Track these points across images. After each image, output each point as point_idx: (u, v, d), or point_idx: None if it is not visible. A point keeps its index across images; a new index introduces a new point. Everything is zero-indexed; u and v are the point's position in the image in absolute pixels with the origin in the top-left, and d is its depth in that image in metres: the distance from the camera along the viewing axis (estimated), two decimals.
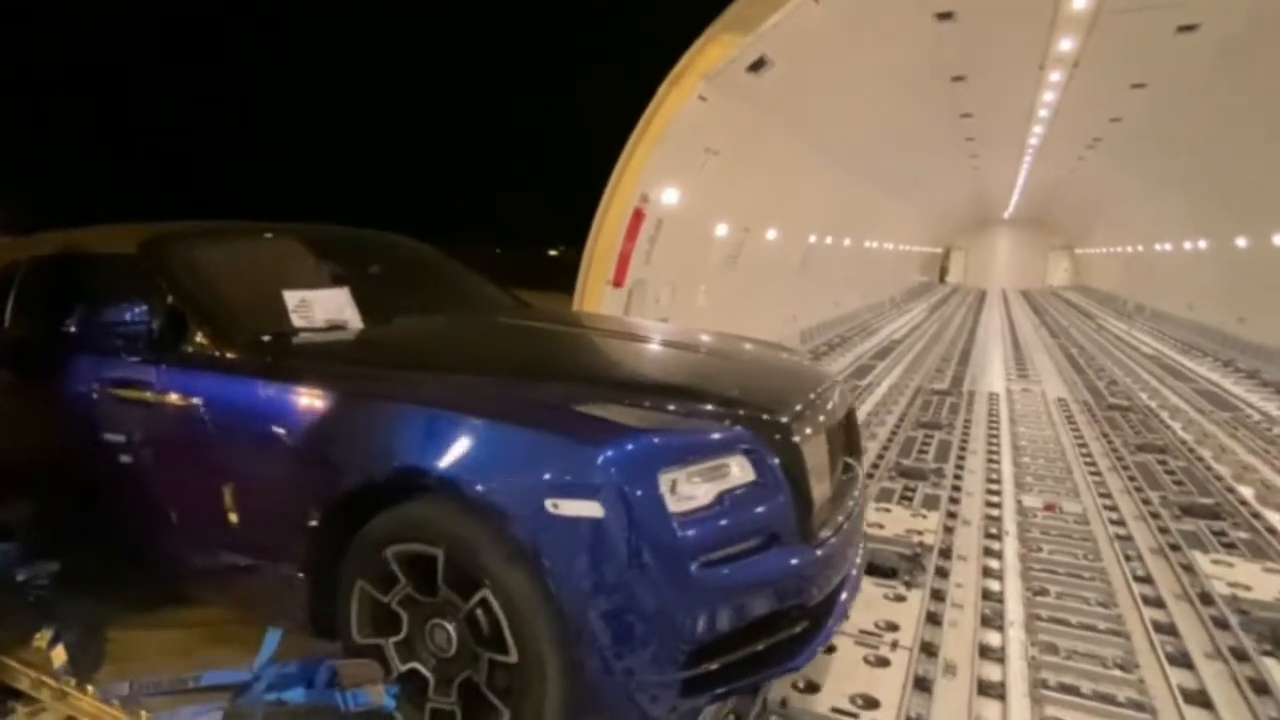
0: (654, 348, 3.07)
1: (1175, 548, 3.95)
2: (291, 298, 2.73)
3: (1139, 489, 4.97)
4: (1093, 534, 4.21)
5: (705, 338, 3.21)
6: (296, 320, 2.69)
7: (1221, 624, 3.14)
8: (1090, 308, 22.27)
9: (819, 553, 2.16)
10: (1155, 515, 4.45)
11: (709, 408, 2.22)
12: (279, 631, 2.37)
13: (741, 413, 2.18)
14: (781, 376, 2.87)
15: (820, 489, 2.26)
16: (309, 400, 2.32)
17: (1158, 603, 3.40)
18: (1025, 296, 26.98)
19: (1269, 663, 2.84)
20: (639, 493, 1.88)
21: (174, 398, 2.52)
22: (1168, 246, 16.46)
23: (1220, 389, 8.95)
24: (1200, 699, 2.66)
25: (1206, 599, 3.35)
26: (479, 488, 1.98)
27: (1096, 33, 6.93)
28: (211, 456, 2.46)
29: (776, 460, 2.07)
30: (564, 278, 3.84)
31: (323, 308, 2.78)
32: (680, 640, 1.91)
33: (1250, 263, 11.50)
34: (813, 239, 13.52)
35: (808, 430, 2.26)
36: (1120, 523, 4.40)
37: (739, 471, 2.02)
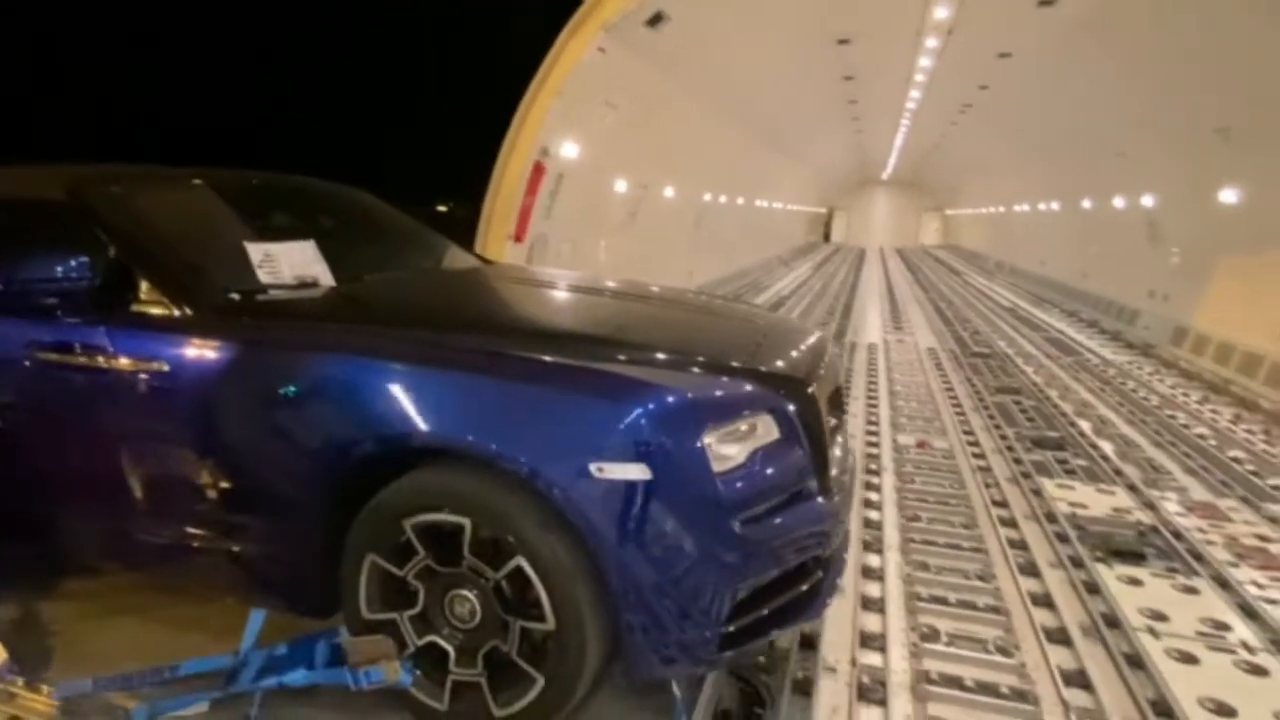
0: (649, 307, 2.98)
1: (1026, 475, 4.46)
2: (255, 251, 2.49)
3: (997, 426, 5.54)
4: (958, 466, 4.68)
5: (690, 296, 3.16)
6: (263, 276, 2.45)
7: (1063, 538, 3.61)
8: (958, 265, 23.94)
9: (834, 505, 2.21)
10: (1010, 448, 4.99)
11: (735, 366, 2.20)
12: (262, 612, 2.24)
13: (765, 371, 2.21)
14: (789, 335, 2.82)
15: (831, 444, 2.31)
16: (307, 365, 2.14)
17: (1011, 523, 3.85)
18: (901, 255, 28.61)
19: (1100, 568, 3.30)
20: (685, 453, 1.88)
21: (131, 363, 2.24)
22: (1025, 208, 17.90)
23: (1066, 337, 9.98)
24: (1045, 601, 3.08)
25: (1051, 518, 3.83)
26: (516, 454, 1.91)
27: (969, 1, 7.38)
28: (183, 428, 2.24)
29: (799, 417, 2.10)
30: (454, 233, 3.75)
31: (289, 262, 2.54)
32: (723, 597, 1.94)
33: (1093, 224, 12.75)
34: (707, 197, 13.79)
35: (822, 387, 2.30)
36: (981, 455, 4.90)
37: (766, 429, 2.04)
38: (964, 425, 5.61)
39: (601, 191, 8.71)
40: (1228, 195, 7.59)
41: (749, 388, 2.12)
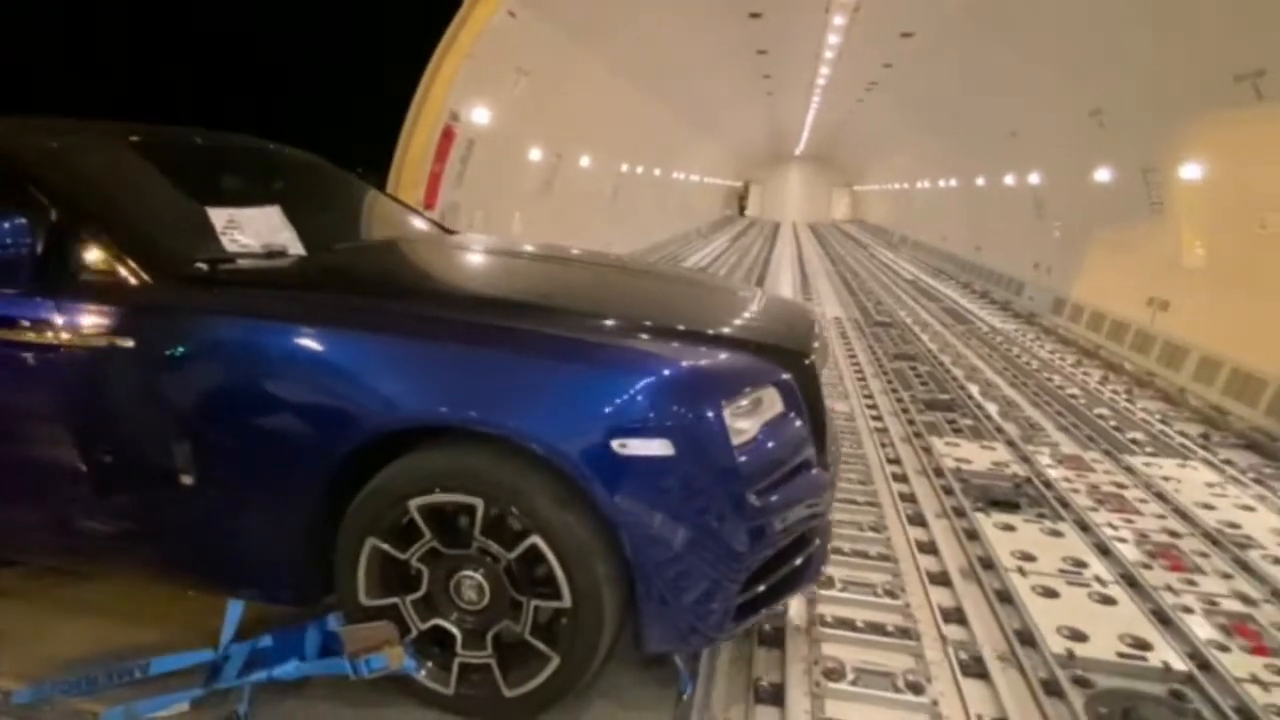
0: (641, 280, 2.92)
1: (919, 435, 4.77)
2: (218, 216, 2.29)
3: (894, 390, 5.87)
4: (857, 428, 4.95)
5: (674, 269, 3.09)
6: (229, 244, 2.27)
7: (948, 491, 3.90)
8: (865, 239, 24.89)
9: (830, 475, 2.25)
10: (905, 410, 5.31)
11: (743, 340, 2.21)
12: (240, 604, 2.13)
13: (769, 344, 2.21)
14: (782, 310, 2.83)
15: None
16: (298, 340, 1.98)
17: (903, 478, 4.12)
18: (812, 229, 29.47)
19: (979, 516, 3.59)
20: (706, 428, 1.88)
21: (87, 339, 2.03)
22: (926, 184, 18.74)
23: (960, 307, 10.60)
24: (930, 548, 3.33)
25: (939, 472, 4.13)
26: (534, 433, 1.86)
27: None
28: (151, 408, 2.06)
29: (801, 390, 2.12)
30: None
31: (254, 229, 2.35)
32: (740, 568, 1.95)
33: (986, 200, 13.50)
34: (624, 168, 13.77)
35: (818, 360, 2.32)
36: (879, 417, 5.20)
37: (771, 402, 2.05)
38: (864, 390, 5.91)
39: (515, 159, 8.57)
40: (1101, 174, 8.20)
41: (757, 361, 2.12)
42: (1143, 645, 2.57)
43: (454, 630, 2.01)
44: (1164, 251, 7.13)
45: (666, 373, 1.93)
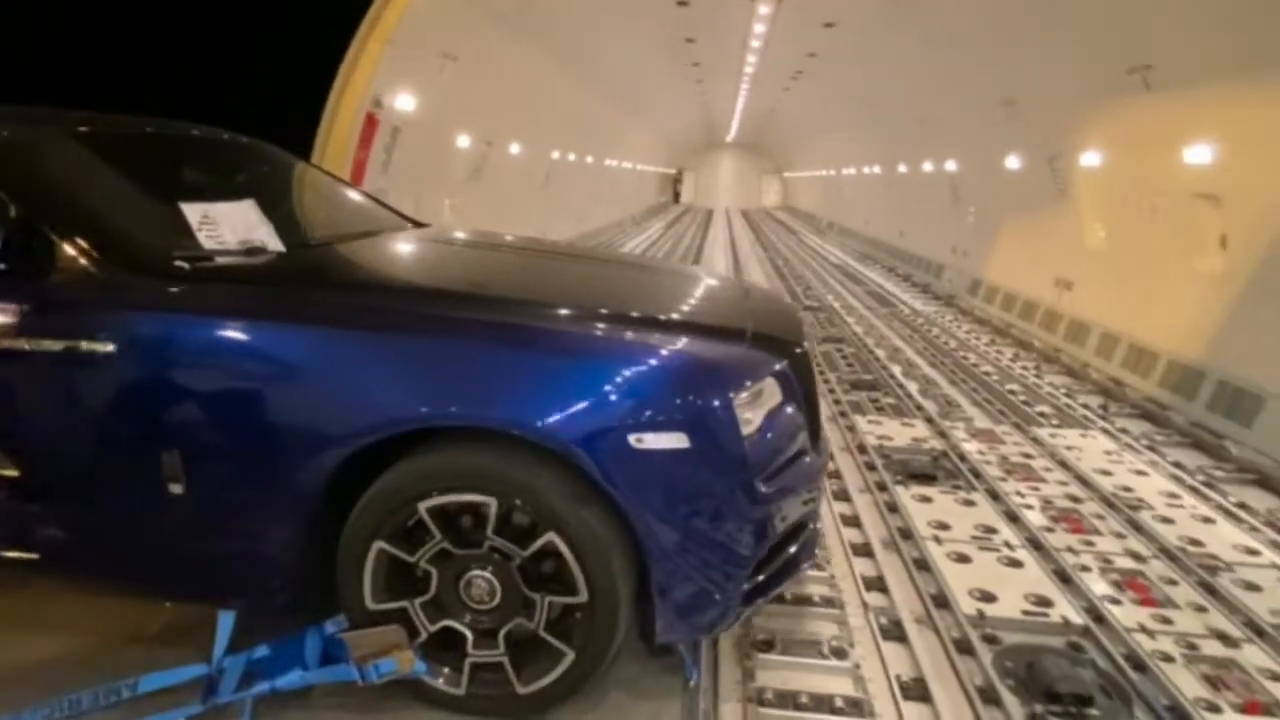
0: (632, 273, 2.88)
1: (844, 414, 4.96)
2: (192, 212, 2.18)
3: (821, 371, 6.07)
4: None
5: (659, 262, 3.08)
6: (205, 240, 2.16)
7: (871, 466, 4.08)
8: (795, 225, 25.42)
9: (823, 460, 2.32)
10: (832, 391, 5.51)
11: (746, 333, 2.23)
12: (231, 614, 2.04)
13: (768, 336, 2.24)
14: (771, 303, 2.87)
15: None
16: (297, 341, 1.91)
17: (829, 456, 4.29)
18: (745, 216, 29.90)
19: (899, 489, 3.78)
20: (719, 420, 1.90)
21: (63, 345, 1.90)
22: (852, 171, 19.25)
23: (884, 290, 10.98)
24: (854, 521, 3.49)
25: (862, 449, 4.31)
26: (552, 431, 1.83)
27: None
28: (136, 416, 1.95)
29: (797, 381, 2.18)
30: None
31: (230, 225, 2.24)
32: (750, 556, 1.99)
33: (907, 186, 13.98)
34: (556, 155, 13.66)
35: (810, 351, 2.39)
36: None
37: (771, 392, 2.09)
38: None
39: (443, 146, 8.41)
40: (1012, 162, 8.61)
41: (758, 352, 2.15)
42: (1045, 603, 2.77)
43: (464, 630, 2.00)
44: (1069, 235, 7.56)
45: (680, 367, 1.96)
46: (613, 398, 1.88)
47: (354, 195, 3.36)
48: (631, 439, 1.83)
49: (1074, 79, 6.75)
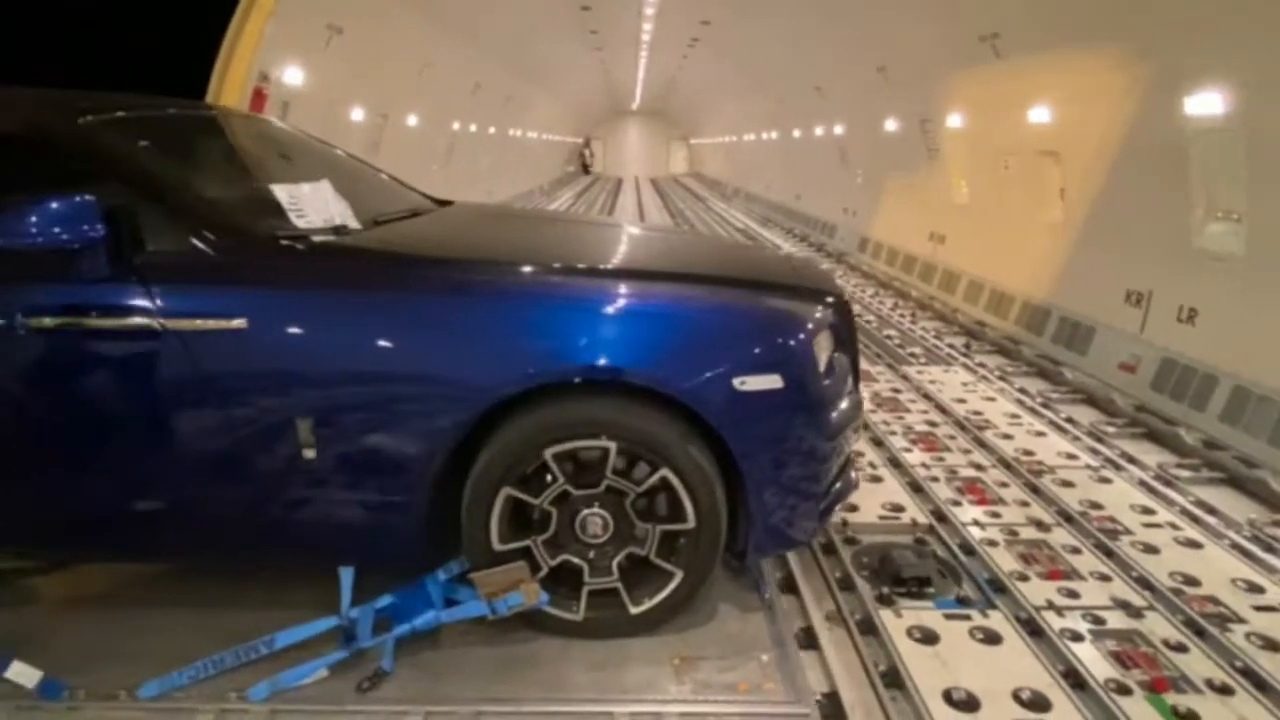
0: (691, 241, 3.12)
1: None
2: (281, 193, 2.24)
3: None
4: None
5: (689, 232, 3.23)
6: (296, 220, 2.22)
7: None
8: (702, 192, 25.88)
9: (861, 398, 2.61)
10: None
11: (808, 288, 2.47)
12: (351, 569, 2.18)
13: (821, 290, 2.49)
14: (809, 264, 3.14)
15: None
16: (428, 308, 2.06)
17: None
18: (653, 184, 30.15)
19: None
20: (803, 362, 2.17)
21: (194, 323, 1.96)
22: (752, 137, 19.78)
23: (782, 250, 11.54)
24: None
25: None
26: (671, 378, 2.06)
27: None
28: (273, 388, 2.03)
29: (844, 327, 2.45)
30: None
31: (313, 205, 2.30)
32: (826, 479, 2.27)
33: (801, 151, 14.58)
34: (457, 126, 13.48)
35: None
36: None
37: (828, 339, 2.34)
38: None
39: (336, 120, 8.25)
40: (890, 125, 9.21)
41: (819, 304, 2.40)
42: (898, 509, 3.23)
43: (580, 562, 2.22)
44: (940, 192, 8.21)
45: (770, 317, 2.24)
46: (719, 347, 2.14)
47: (376, 174, 3.39)
48: (735, 382, 2.08)
49: (937, 47, 7.31)
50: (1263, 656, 2.31)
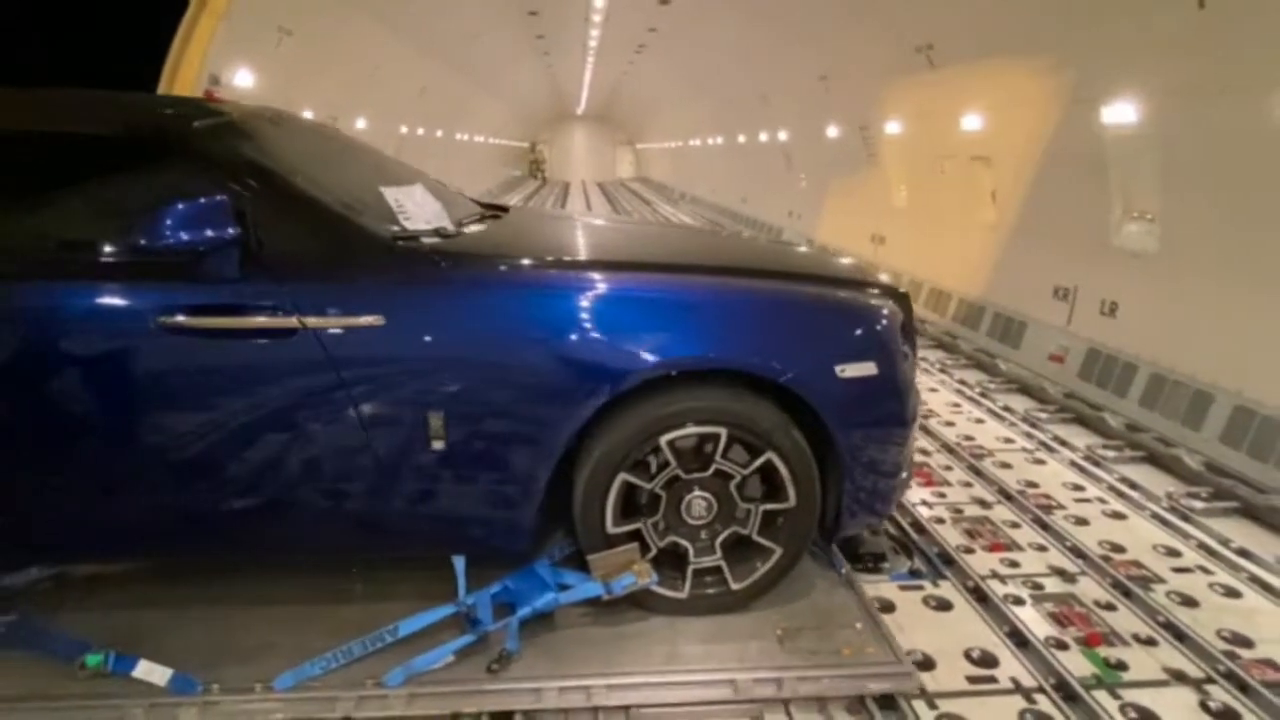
0: (759, 246, 3.17)
1: None
2: (389, 196, 2.31)
3: None
4: None
5: (769, 239, 3.26)
6: (404, 222, 2.27)
7: None
8: (649, 196, 26.11)
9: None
10: None
11: (882, 284, 2.58)
12: (462, 557, 2.28)
13: (882, 284, 2.59)
14: (859, 264, 3.25)
15: None
16: (556, 303, 2.13)
17: None
18: (601, 188, 30.27)
19: None
20: (892, 349, 2.30)
21: (333, 322, 2.01)
22: (697, 143, 20.10)
23: None
24: None
25: None
26: (779, 367, 2.17)
27: None
28: (410, 381, 2.08)
29: (909, 321, 2.56)
30: None
31: (415, 208, 2.34)
32: (904, 458, 2.42)
33: (747, 156, 14.92)
34: (404, 129, 13.35)
35: None
36: None
37: (900, 328, 2.47)
38: None
39: None
40: (831, 131, 9.55)
41: (893, 298, 2.52)
42: None
43: (685, 544, 2.32)
44: (880, 195, 8.57)
45: (865, 310, 2.37)
46: (822, 338, 2.29)
47: (427, 178, 3.37)
48: (837, 370, 2.22)
49: (875, 57, 7.65)
50: (1180, 611, 2.57)
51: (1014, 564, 2.86)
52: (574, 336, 2.12)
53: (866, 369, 2.25)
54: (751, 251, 3.13)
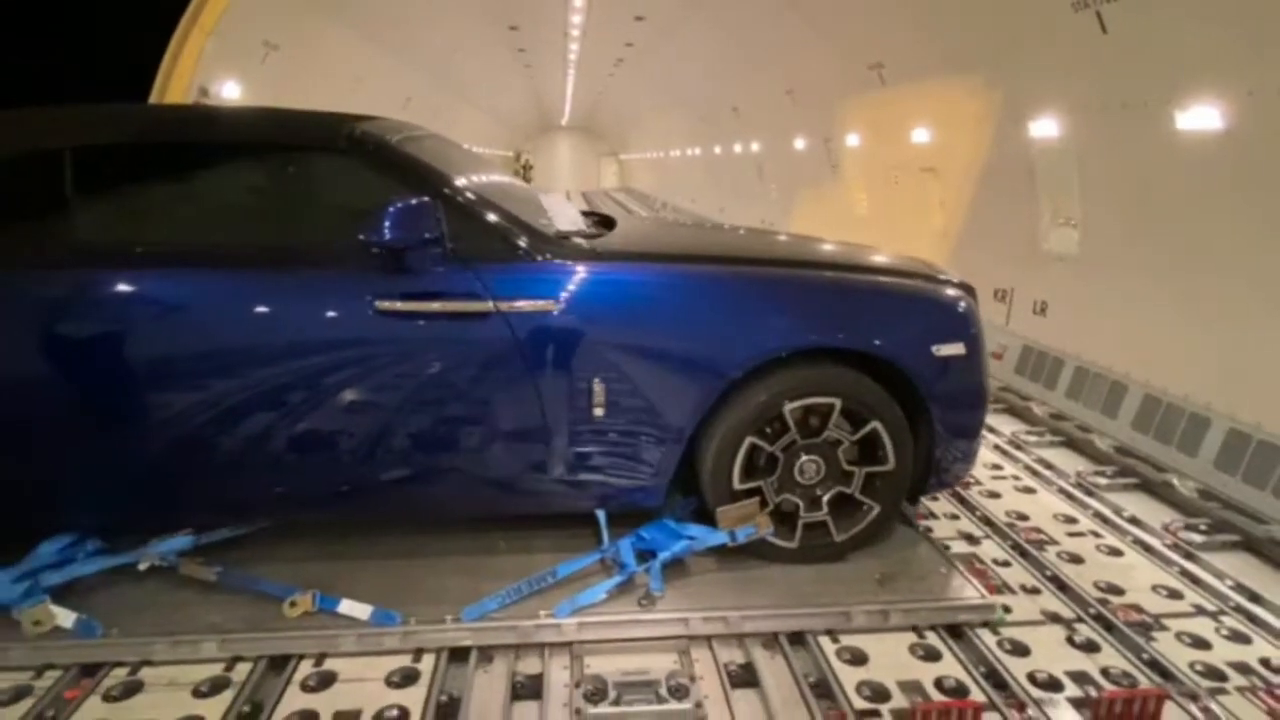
0: (837, 245, 3.37)
1: None
2: (543, 200, 2.66)
3: None
4: None
5: (832, 241, 3.49)
6: (559, 224, 2.65)
7: None
8: (632, 205, 26.40)
9: None
10: None
11: (951, 278, 2.86)
12: (604, 511, 2.66)
13: (960, 281, 2.86)
14: (935, 262, 3.53)
15: None
16: (709, 291, 2.50)
17: None
18: (585, 198, 30.58)
19: None
20: (978, 331, 2.66)
21: (520, 306, 2.37)
22: (677, 154, 20.49)
23: None
24: None
25: None
26: (888, 347, 2.51)
27: None
28: (578, 354, 2.42)
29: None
30: None
31: (559, 212, 2.69)
32: (980, 431, 2.75)
33: (723, 166, 15.33)
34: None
35: None
36: None
37: (978, 314, 2.78)
38: None
39: None
40: (799, 143, 9.96)
41: (967, 289, 2.84)
42: None
43: (797, 500, 2.64)
44: (843, 205, 8.96)
45: (955, 298, 2.71)
46: (923, 322, 2.63)
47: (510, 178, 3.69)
48: (934, 349, 2.56)
49: (834, 73, 8.05)
50: (1066, 567, 2.91)
51: (929, 530, 3.20)
52: (720, 320, 2.50)
53: (957, 349, 2.59)
54: (843, 251, 3.27)
